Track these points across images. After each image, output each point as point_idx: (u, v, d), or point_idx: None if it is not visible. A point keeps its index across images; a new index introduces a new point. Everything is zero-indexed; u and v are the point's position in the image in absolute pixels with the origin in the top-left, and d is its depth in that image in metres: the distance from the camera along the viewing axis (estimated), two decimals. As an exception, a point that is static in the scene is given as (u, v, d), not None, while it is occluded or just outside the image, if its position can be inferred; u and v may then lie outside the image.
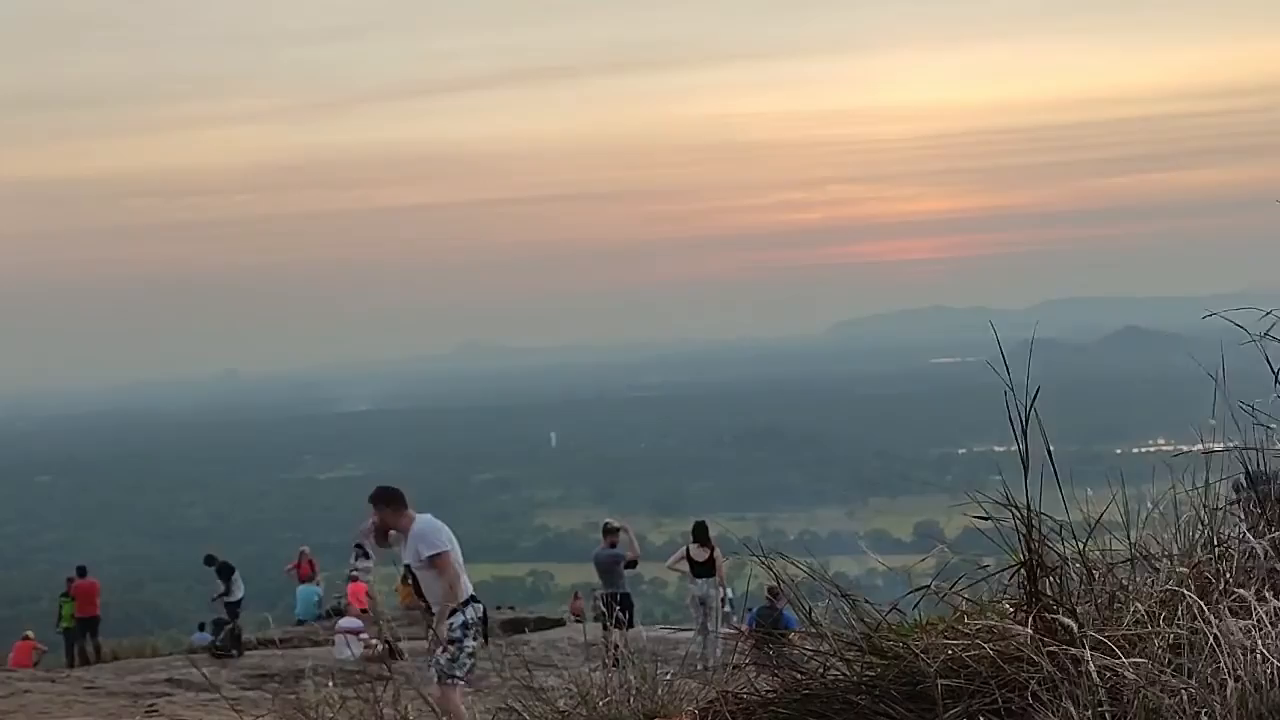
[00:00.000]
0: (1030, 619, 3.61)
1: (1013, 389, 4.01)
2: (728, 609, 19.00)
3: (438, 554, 9.51)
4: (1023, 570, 3.82)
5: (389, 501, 9.74)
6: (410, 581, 10.34)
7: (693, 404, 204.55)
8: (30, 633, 25.78)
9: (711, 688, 4.81)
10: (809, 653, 4.14)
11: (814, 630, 4.20)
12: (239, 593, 22.62)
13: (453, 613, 9.61)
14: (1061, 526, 4.25)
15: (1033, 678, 3.37)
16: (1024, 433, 4.03)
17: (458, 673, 9.57)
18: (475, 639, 9.75)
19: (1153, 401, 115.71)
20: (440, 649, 9.55)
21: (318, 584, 28.20)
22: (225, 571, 22.56)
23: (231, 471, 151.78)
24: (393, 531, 9.82)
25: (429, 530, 9.61)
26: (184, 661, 18.14)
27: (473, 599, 9.90)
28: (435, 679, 9.54)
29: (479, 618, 9.83)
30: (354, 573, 28.16)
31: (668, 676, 5.51)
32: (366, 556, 28.74)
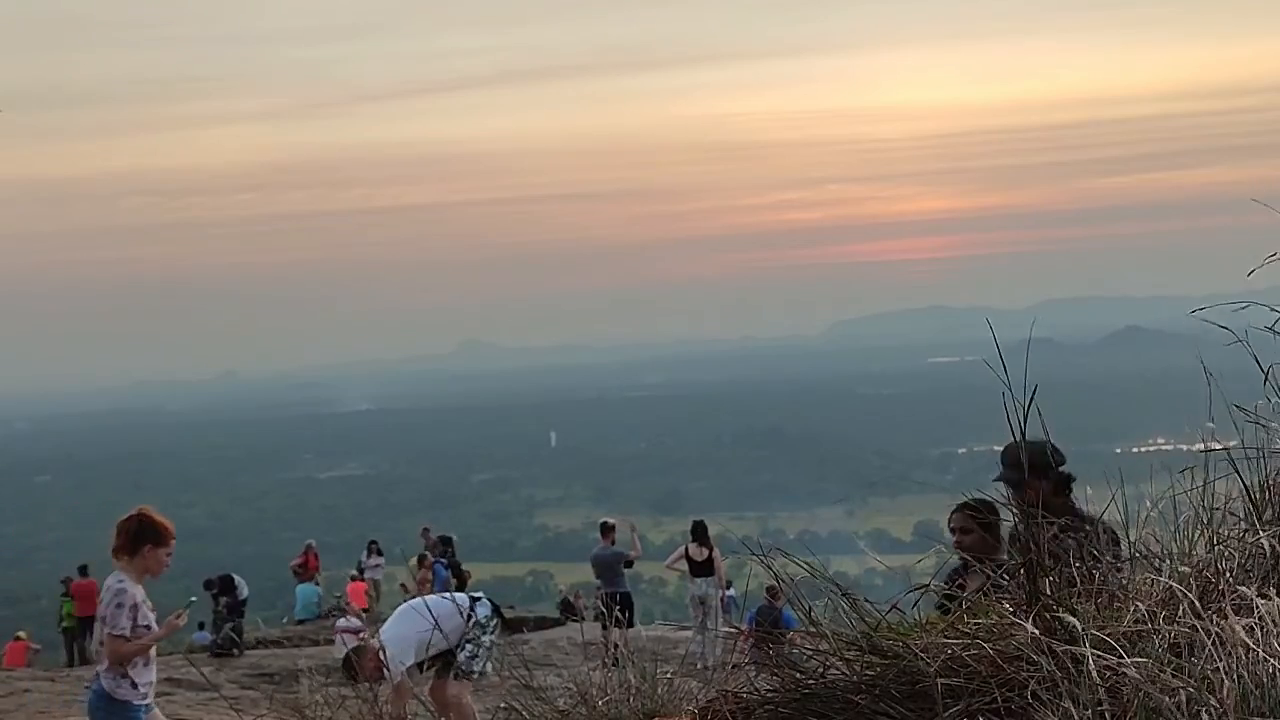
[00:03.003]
0: (1030, 618, 3.60)
1: (1010, 389, 4.00)
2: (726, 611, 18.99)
3: (397, 684, 9.21)
4: (1023, 569, 3.81)
5: (352, 673, 9.57)
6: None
7: (693, 404, 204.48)
8: (22, 633, 25.75)
9: (711, 687, 4.81)
10: (809, 652, 4.13)
11: (814, 629, 4.19)
12: (243, 593, 22.60)
13: (469, 618, 9.70)
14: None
15: (1033, 677, 3.36)
16: (1023, 433, 4.02)
17: (475, 668, 9.65)
18: (492, 634, 9.83)
19: (1153, 401, 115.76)
20: (459, 646, 9.63)
21: (316, 583, 28.15)
22: (227, 586, 22.51)
23: (231, 471, 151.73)
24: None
25: (394, 654, 9.29)
26: (184, 661, 18.12)
27: (475, 599, 9.97)
28: (452, 675, 9.62)
29: (490, 613, 9.90)
30: (361, 570, 28.19)
31: (667, 676, 5.51)
32: (379, 554, 28.86)
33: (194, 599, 7.74)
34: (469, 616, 9.71)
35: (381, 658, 9.35)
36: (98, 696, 7.09)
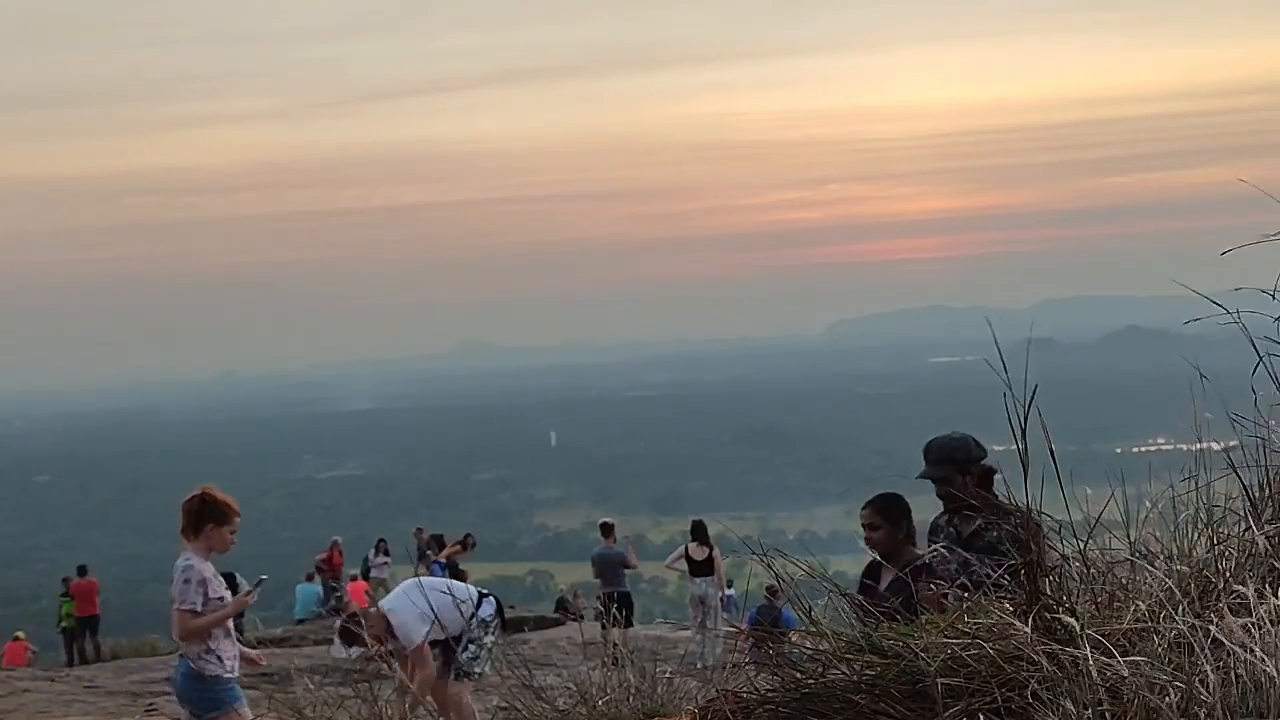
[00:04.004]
0: (1030, 618, 3.60)
1: (1010, 388, 3.99)
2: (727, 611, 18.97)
3: (415, 648, 9.37)
4: (1023, 569, 3.81)
5: (357, 638, 9.52)
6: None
7: (693, 404, 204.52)
8: (21, 633, 25.69)
9: (711, 686, 4.81)
10: (809, 651, 4.13)
11: (814, 629, 4.19)
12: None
13: (471, 616, 9.64)
14: (1061, 525, 4.24)
15: (1033, 677, 3.36)
16: (1024, 432, 4.01)
17: (476, 669, 9.59)
18: (493, 634, 9.76)
19: (1153, 401, 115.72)
20: (460, 646, 9.55)
21: (337, 580, 28.07)
22: (228, 583, 22.39)
23: (231, 471, 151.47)
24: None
25: (406, 619, 9.43)
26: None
27: (484, 595, 9.90)
28: (452, 675, 9.55)
29: (495, 612, 9.85)
30: (367, 569, 28.15)
31: (667, 675, 5.50)
32: (386, 553, 28.86)
33: (264, 576, 7.78)
34: (472, 615, 9.63)
35: (389, 624, 9.31)
36: (185, 677, 7.08)
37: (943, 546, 5.68)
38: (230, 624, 7.27)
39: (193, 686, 7.04)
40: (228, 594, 7.20)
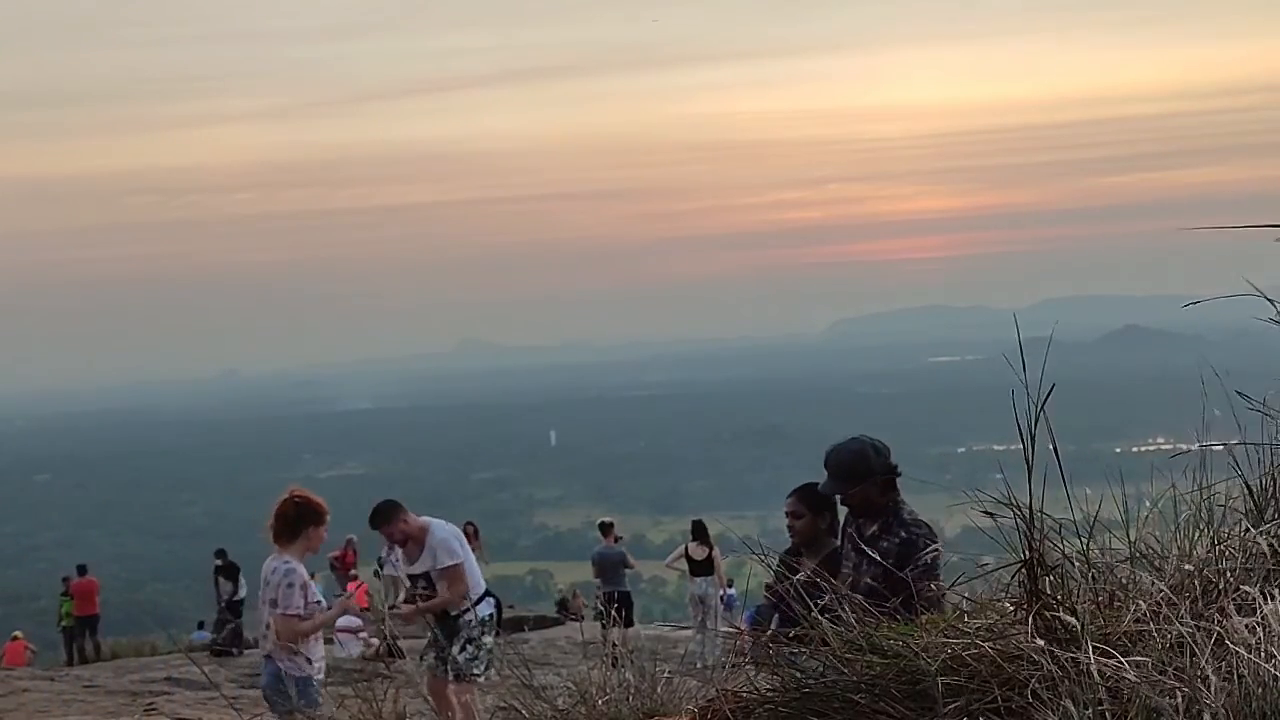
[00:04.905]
0: (1031, 617, 3.59)
1: (1026, 387, 3.98)
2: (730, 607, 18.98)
3: (454, 564, 9.40)
4: (1023, 569, 3.80)
5: (388, 517, 9.48)
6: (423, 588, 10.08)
7: (692, 403, 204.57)
8: (19, 633, 25.69)
9: (711, 686, 4.80)
10: (808, 651, 4.12)
11: (814, 629, 4.18)
12: (242, 592, 22.56)
13: (465, 611, 9.54)
14: (1062, 525, 4.23)
15: (1033, 676, 3.35)
16: (1031, 432, 4.00)
17: (476, 670, 9.45)
18: (491, 635, 9.65)
19: (1153, 401, 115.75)
20: (458, 646, 9.48)
21: (353, 577, 28.06)
22: (232, 572, 22.43)
23: (231, 471, 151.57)
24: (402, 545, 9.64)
25: (450, 537, 9.48)
26: (183, 660, 18.12)
27: (487, 593, 9.82)
28: (452, 677, 9.44)
29: (493, 613, 9.76)
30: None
31: (667, 675, 5.49)
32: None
33: (357, 577, 7.94)
34: (476, 605, 9.55)
35: (425, 534, 9.34)
36: (275, 679, 7.12)
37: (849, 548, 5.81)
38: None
39: (282, 687, 7.08)
40: (321, 597, 7.27)
